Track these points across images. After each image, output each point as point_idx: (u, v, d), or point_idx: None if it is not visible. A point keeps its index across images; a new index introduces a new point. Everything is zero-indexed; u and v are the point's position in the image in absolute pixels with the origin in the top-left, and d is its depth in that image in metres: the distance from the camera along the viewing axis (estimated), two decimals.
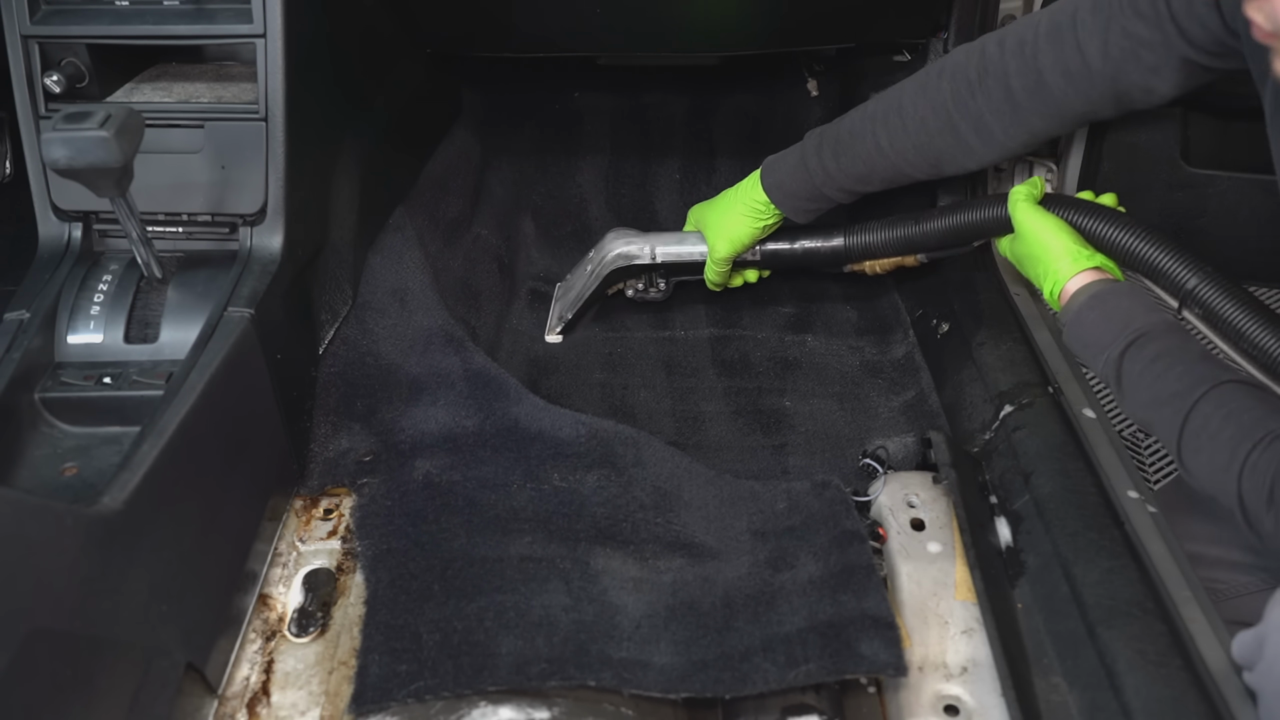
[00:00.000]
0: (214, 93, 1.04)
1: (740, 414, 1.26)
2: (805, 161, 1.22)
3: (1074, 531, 0.90)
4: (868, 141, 1.17)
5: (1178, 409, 0.85)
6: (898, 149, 1.15)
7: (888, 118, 1.15)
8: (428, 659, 0.81)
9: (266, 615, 0.90)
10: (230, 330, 0.90)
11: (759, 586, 0.91)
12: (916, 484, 1.03)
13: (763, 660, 0.82)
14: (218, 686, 0.82)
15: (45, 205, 0.99)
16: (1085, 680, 0.79)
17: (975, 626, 0.87)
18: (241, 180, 0.99)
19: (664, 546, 0.96)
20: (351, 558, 0.94)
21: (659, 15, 1.37)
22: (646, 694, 0.80)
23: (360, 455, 1.04)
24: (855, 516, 0.97)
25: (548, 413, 1.10)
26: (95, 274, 0.96)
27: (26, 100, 0.99)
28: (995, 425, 1.10)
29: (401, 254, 1.26)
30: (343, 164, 1.16)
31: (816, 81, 1.79)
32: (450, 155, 1.52)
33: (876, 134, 1.16)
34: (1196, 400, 0.85)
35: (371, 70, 1.30)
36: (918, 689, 0.83)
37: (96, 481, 0.79)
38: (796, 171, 1.23)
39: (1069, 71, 1.02)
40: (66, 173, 0.80)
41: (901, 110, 1.14)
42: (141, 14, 1.00)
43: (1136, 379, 0.90)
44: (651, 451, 1.06)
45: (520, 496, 0.99)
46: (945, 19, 1.44)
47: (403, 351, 1.15)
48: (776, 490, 1.04)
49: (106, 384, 0.89)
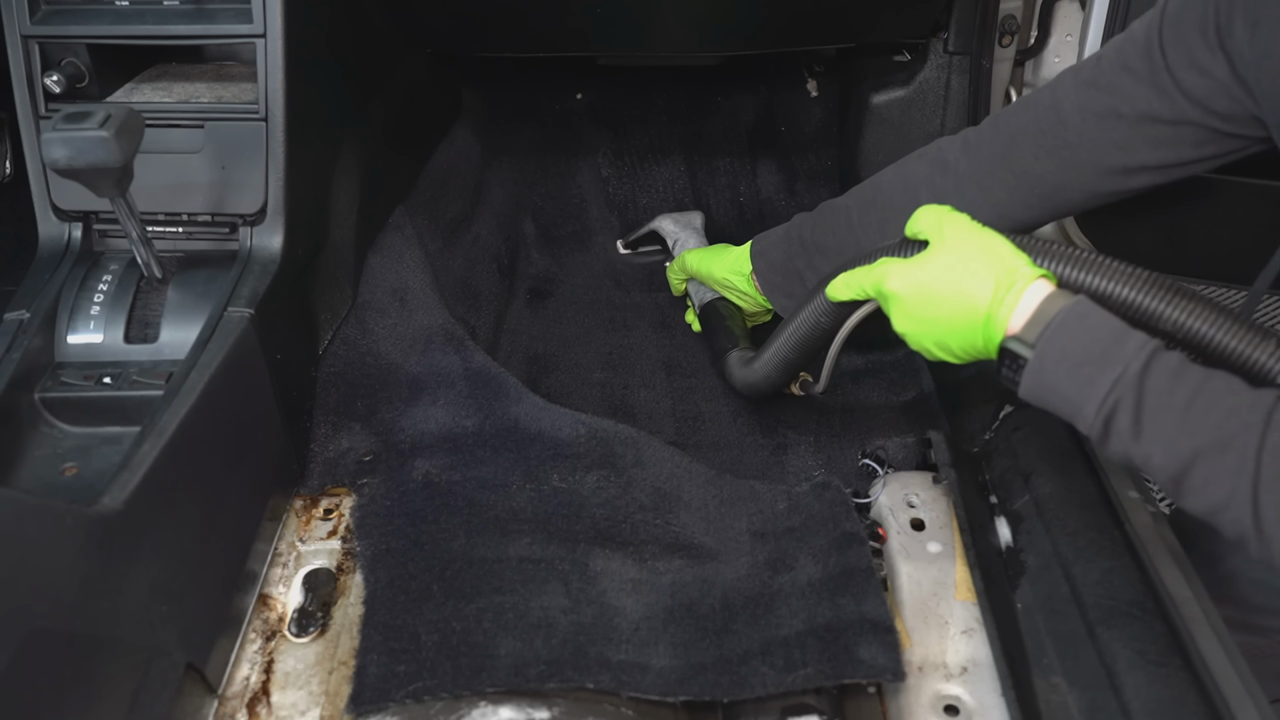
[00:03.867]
0: (214, 93, 1.03)
1: (740, 414, 1.26)
2: (789, 231, 1.16)
3: (1074, 531, 0.90)
4: (842, 214, 1.09)
5: (1249, 423, 0.66)
6: (864, 225, 1.05)
7: (864, 192, 1.08)
8: (426, 659, 0.81)
9: (266, 615, 0.90)
10: (230, 330, 0.90)
11: (758, 588, 0.91)
12: (916, 484, 1.03)
13: (761, 664, 0.82)
14: (218, 686, 0.82)
15: (45, 205, 0.99)
16: (1085, 680, 0.79)
17: (975, 626, 0.87)
18: (241, 180, 0.99)
19: (663, 548, 0.96)
20: (351, 558, 0.94)
21: (659, 15, 1.37)
22: (645, 697, 0.80)
23: (360, 455, 1.04)
24: (855, 518, 0.97)
25: (548, 412, 1.10)
26: (95, 274, 0.96)
27: (26, 100, 0.99)
28: (995, 425, 1.10)
29: (401, 253, 1.26)
30: (343, 164, 1.16)
31: (816, 81, 1.79)
32: (450, 155, 1.53)
33: (851, 208, 1.08)
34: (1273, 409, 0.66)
35: (371, 70, 1.30)
36: (918, 689, 0.83)
37: (96, 481, 0.79)
38: (781, 243, 1.17)
39: (1041, 130, 0.91)
40: (66, 173, 0.80)
41: (877, 186, 1.07)
42: (141, 14, 1.00)
43: (1169, 396, 0.69)
44: (651, 451, 1.06)
45: (520, 497, 0.99)
46: (945, 19, 1.44)
47: (403, 351, 1.16)
48: (777, 491, 1.04)
49: (106, 384, 0.89)
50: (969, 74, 1.47)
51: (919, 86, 1.52)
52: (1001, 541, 0.96)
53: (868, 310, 0.92)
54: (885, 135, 1.58)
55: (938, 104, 1.51)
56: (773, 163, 1.78)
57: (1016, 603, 0.89)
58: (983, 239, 0.80)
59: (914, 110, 1.54)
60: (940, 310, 0.80)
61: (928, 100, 1.52)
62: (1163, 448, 0.69)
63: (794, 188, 1.76)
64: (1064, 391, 0.73)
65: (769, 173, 1.77)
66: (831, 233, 1.08)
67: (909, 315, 0.83)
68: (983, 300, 0.77)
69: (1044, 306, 0.75)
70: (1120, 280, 0.78)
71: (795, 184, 1.76)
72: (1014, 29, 1.42)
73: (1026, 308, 0.75)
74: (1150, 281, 0.78)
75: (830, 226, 1.09)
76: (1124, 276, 0.78)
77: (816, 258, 1.10)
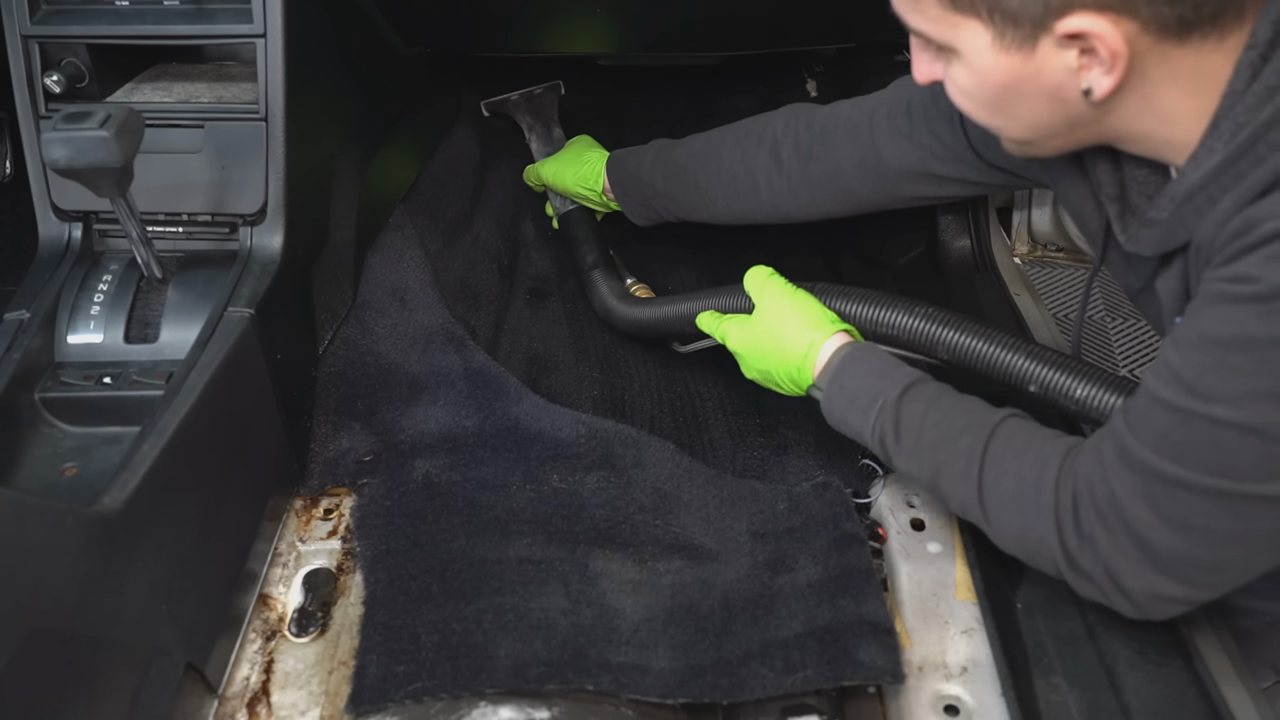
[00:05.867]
0: (214, 93, 1.04)
1: (740, 414, 1.26)
2: (640, 173, 1.29)
3: None
4: (689, 176, 1.23)
5: (977, 436, 0.81)
6: (711, 193, 1.21)
7: (707, 160, 1.21)
8: (426, 660, 0.81)
9: (266, 615, 0.90)
10: (230, 330, 0.90)
11: (758, 590, 0.91)
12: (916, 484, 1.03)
13: (760, 666, 0.82)
14: (218, 686, 0.82)
15: (45, 205, 0.99)
16: (1085, 680, 0.79)
17: (975, 626, 0.87)
18: (241, 180, 0.99)
19: (663, 549, 0.96)
20: (351, 558, 0.94)
21: (659, 15, 1.37)
22: (645, 699, 0.80)
23: (360, 455, 1.04)
24: (855, 519, 0.97)
25: (548, 412, 1.10)
26: (95, 274, 0.96)
27: (26, 100, 0.99)
28: None
29: (401, 253, 1.26)
30: (343, 164, 1.16)
31: (816, 82, 1.79)
32: (450, 155, 1.53)
33: (696, 172, 1.22)
34: (997, 424, 0.81)
35: (371, 70, 1.30)
36: (918, 689, 0.83)
37: (96, 481, 0.79)
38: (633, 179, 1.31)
39: (863, 163, 1.07)
40: (66, 173, 0.80)
41: (720, 160, 1.19)
42: (141, 14, 1.00)
43: (921, 419, 0.85)
44: (651, 452, 1.06)
45: (520, 498, 0.99)
46: None
47: (403, 351, 1.15)
48: (777, 491, 1.04)
49: (106, 384, 0.89)
50: None
51: None
52: None
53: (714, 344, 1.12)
54: None
55: None
56: None
57: (1016, 603, 0.89)
58: (794, 303, 0.99)
59: None
60: (767, 363, 1.00)
61: None
62: (916, 460, 0.85)
63: None
64: (849, 422, 0.91)
65: None
66: (682, 190, 1.25)
67: (746, 363, 1.04)
68: (795, 356, 0.96)
69: (833, 358, 0.93)
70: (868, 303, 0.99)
71: None
72: None
73: (823, 359, 0.94)
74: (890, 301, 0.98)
75: (680, 183, 1.24)
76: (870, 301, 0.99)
77: (670, 203, 1.28)
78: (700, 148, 1.23)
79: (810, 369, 0.95)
